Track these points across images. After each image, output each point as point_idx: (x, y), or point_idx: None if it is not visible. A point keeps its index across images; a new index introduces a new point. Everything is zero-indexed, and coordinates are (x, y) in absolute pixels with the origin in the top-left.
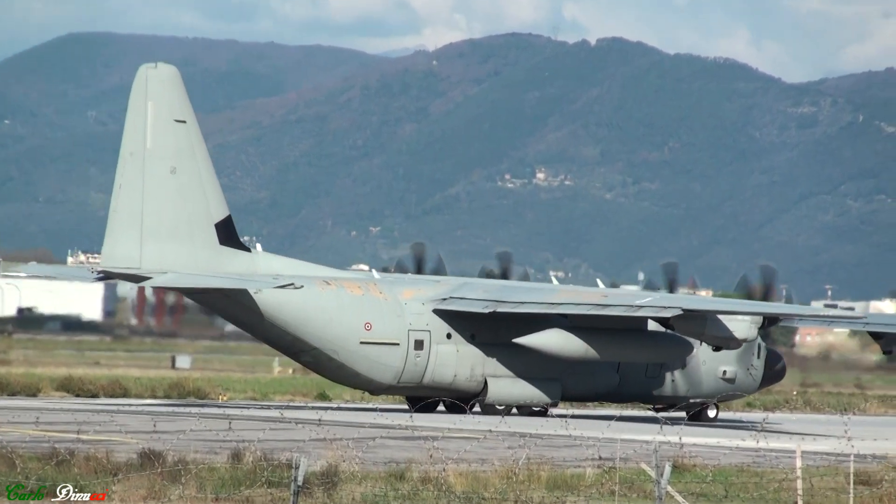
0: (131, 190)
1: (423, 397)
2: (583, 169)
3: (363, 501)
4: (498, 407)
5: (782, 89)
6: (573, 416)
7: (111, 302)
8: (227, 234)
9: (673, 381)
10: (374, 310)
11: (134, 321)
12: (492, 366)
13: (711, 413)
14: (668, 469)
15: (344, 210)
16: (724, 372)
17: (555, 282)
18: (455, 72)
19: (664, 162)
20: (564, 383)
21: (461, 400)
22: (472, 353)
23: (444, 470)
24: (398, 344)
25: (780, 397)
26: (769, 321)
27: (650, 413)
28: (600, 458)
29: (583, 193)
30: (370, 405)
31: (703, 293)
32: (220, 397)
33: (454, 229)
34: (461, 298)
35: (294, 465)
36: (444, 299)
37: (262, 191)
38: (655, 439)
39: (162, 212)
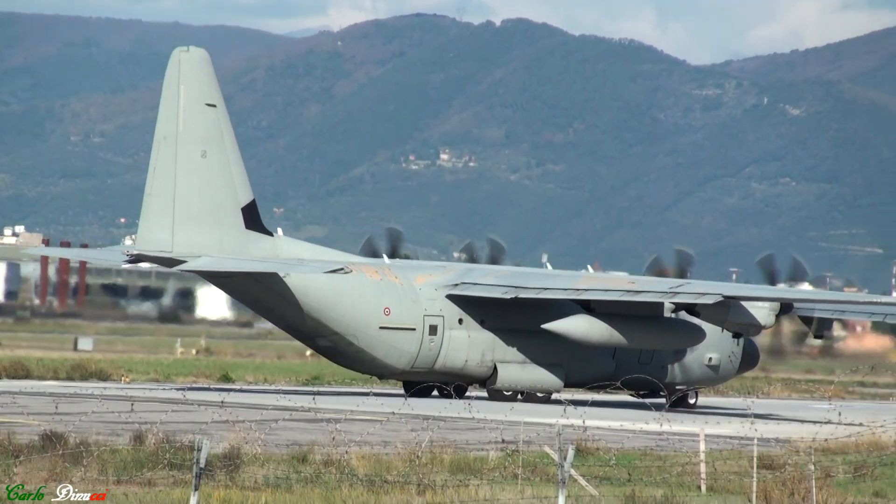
0: (164, 174)
1: (416, 382)
2: (487, 150)
3: (265, 484)
4: (505, 392)
5: (687, 71)
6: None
7: (13, 283)
8: (252, 218)
9: (663, 367)
10: (392, 295)
11: (37, 302)
12: (501, 351)
13: (692, 400)
14: (571, 452)
15: None
16: (710, 359)
17: (548, 266)
18: (360, 52)
19: (569, 143)
20: (567, 370)
21: (470, 385)
22: (482, 338)
23: (346, 452)
24: (414, 329)
25: None
26: (784, 308)
27: (634, 399)
28: (503, 441)
29: (487, 175)
30: (274, 387)
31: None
32: (123, 379)
33: (358, 211)
34: (477, 284)
35: (196, 448)
36: (457, 284)
37: None
38: (559, 422)
39: (193, 196)
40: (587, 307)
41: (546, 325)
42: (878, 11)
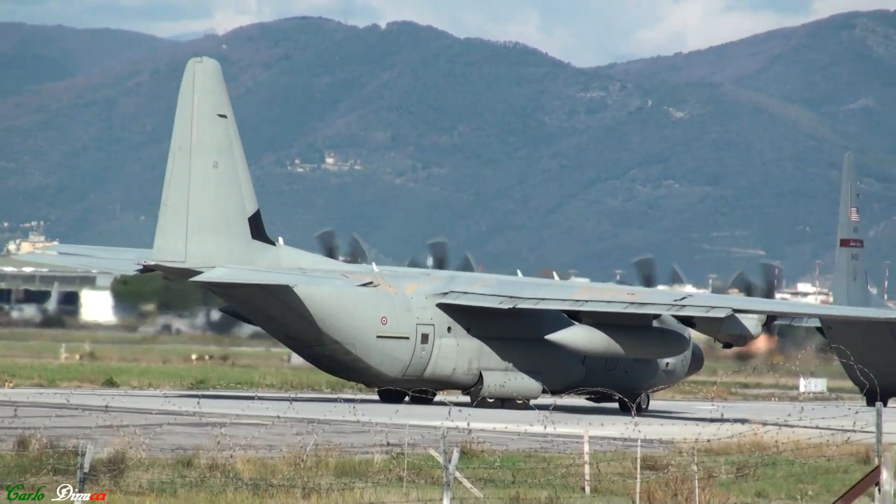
0: (179, 185)
1: (393, 389)
2: (373, 154)
3: (150, 488)
4: (489, 399)
5: (572, 74)
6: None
7: None
8: (257, 227)
9: (626, 372)
10: (388, 304)
11: None
12: (486, 359)
13: (644, 404)
14: (455, 455)
15: (132, 195)
16: (668, 364)
17: (555, 276)
18: (245, 56)
19: (454, 146)
20: (544, 376)
21: (462, 392)
22: (470, 346)
23: (231, 456)
24: (408, 338)
25: None
26: (770, 318)
27: (589, 403)
28: (388, 444)
29: (372, 178)
30: (156, 393)
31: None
32: (6, 384)
33: None
34: (470, 293)
35: (80, 453)
36: (446, 293)
37: (51, 176)
38: (443, 425)
39: (205, 206)
40: (575, 317)
41: (549, 336)
42: (760, 14)
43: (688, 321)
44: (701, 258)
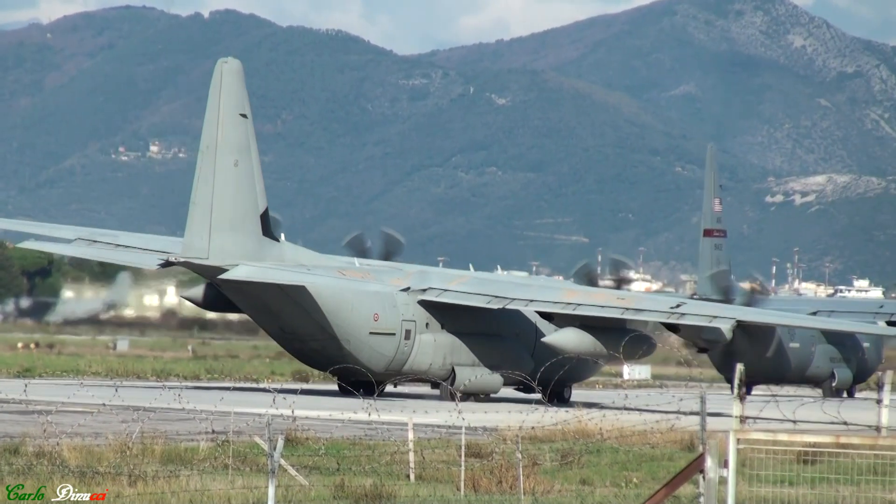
0: (205, 183)
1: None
2: (197, 141)
3: None
4: (459, 392)
5: (394, 61)
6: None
7: None
8: (266, 225)
9: (567, 367)
10: (379, 301)
11: None
12: (458, 354)
13: (566, 394)
14: (280, 442)
15: None
16: (599, 360)
17: (500, 271)
18: (70, 45)
19: (277, 135)
20: (503, 370)
21: (431, 385)
22: (444, 341)
23: (58, 444)
24: (394, 334)
25: None
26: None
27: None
28: (213, 431)
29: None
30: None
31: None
32: None
33: (68, 203)
34: (454, 291)
35: None
36: (425, 290)
37: None
38: (268, 412)
39: (226, 204)
40: (547, 317)
41: (546, 339)
42: (581, 1)
43: (671, 326)
44: (524, 245)
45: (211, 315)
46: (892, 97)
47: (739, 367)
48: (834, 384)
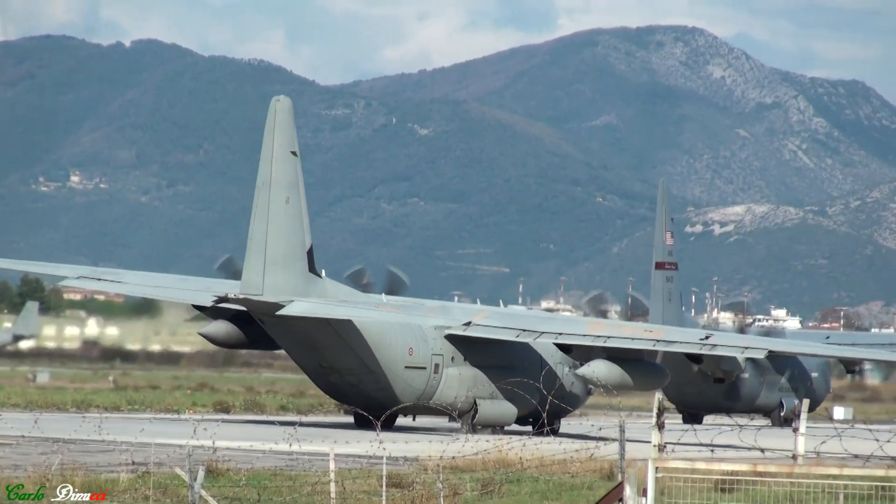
0: (260, 220)
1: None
2: (118, 171)
3: None
4: (482, 427)
5: (317, 92)
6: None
7: None
8: (311, 261)
9: (563, 398)
10: (413, 336)
11: None
12: (480, 387)
13: (556, 426)
14: (201, 473)
15: None
16: (591, 389)
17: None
18: None
19: (199, 164)
20: (517, 403)
21: (452, 419)
22: (468, 375)
23: None
24: (426, 368)
25: (314, 400)
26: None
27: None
28: (134, 462)
29: (118, 196)
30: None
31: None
32: None
33: None
34: (488, 326)
35: None
36: (468, 325)
37: None
38: (189, 443)
39: (278, 241)
40: (566, 350)
41: (579, 371)
42: (503, 31)
43: (693, 357)
44: (446, 275)
45: (132, 346)
46: (809, 128)
47: (658, 395)
48: (783, 413)
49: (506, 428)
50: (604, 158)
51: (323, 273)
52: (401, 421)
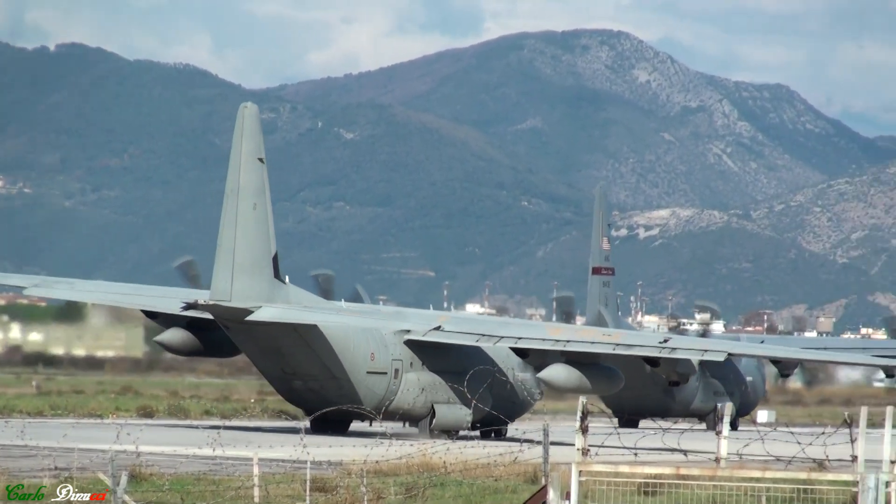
0: (228, 226)
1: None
2: (42, 176)
3: None
4: (439, 431)
5: (242, 96)
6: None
7: None
8: (276, 267)
9: (513, 403)
10: (374, 340)
11: None
12: (437, 392)
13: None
14: (124, 478)
15: None
16: (541, 393)
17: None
18: None
19: (124, 169)
20: (472, 407)
21: (410, 424)
22: (426, 380)
23: None
24: (386, 373)
25: (238, 405)
26: None
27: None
28: (56, 467)
29: (42, 201)
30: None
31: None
32: None
33: None
34: (451, 332)
35: None
36: (437, 328)
37: None
38: (112, 448)
39: (245, 247)
40: (522, 354)
41: (540, 374)
42: (429, 36)
43: (651, 360)
44: (372, 279)
45: (56, 350)
46: (734, 132)
47: (582, 399)
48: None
49: (460, 433)
50: (529, 162)
51: (287, 279)
52: (357, 426)
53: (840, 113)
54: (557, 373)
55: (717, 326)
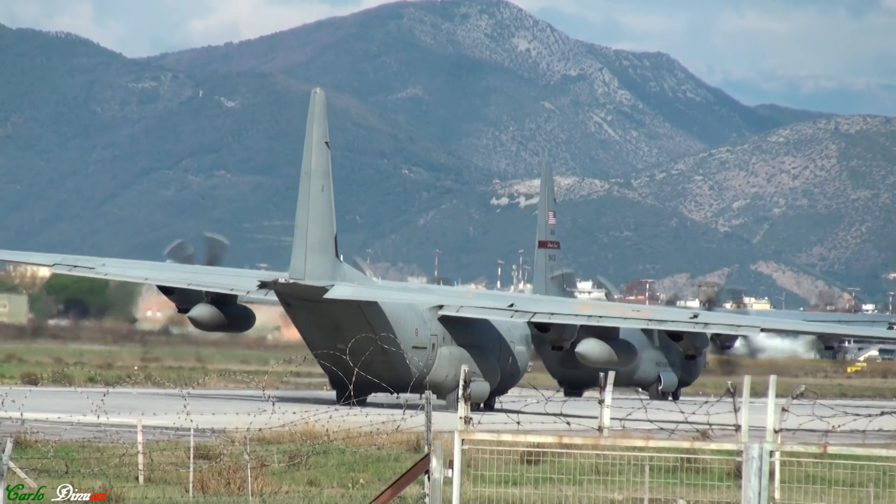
0: (303, 207)
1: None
2: None
3: None
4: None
5: (124, 64)
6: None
7: None
8: (336, 246)
9: (512, 375)
10: (417, 317)
11: None
12: (466, 366)
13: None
14: (9, 445)
15: None
16: (530, 366)
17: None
18: None
19: (7, 137)
20: (489, 380)
21: (438, 397)
22: (456, 354)
23: None
24: (426, 348)
25: (121, 372)
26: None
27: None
28: None
29: None
30: None
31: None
32: None
33: None
34: (481, 307)
35: None
36: (442, 305)
37: None
38: None
39: (316, 227)
40: (543, 329)
41: (578, 349)
42: (309, 4)
43: (673, 334)
44: (254, 247)
45: None
46: (614, 100)
47: (464, 367)
48: (660, 388)
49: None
50: (410, 131)
51: (341, 257)
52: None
53: (721, 81)
54: (592, 347)
55: (598, 295)
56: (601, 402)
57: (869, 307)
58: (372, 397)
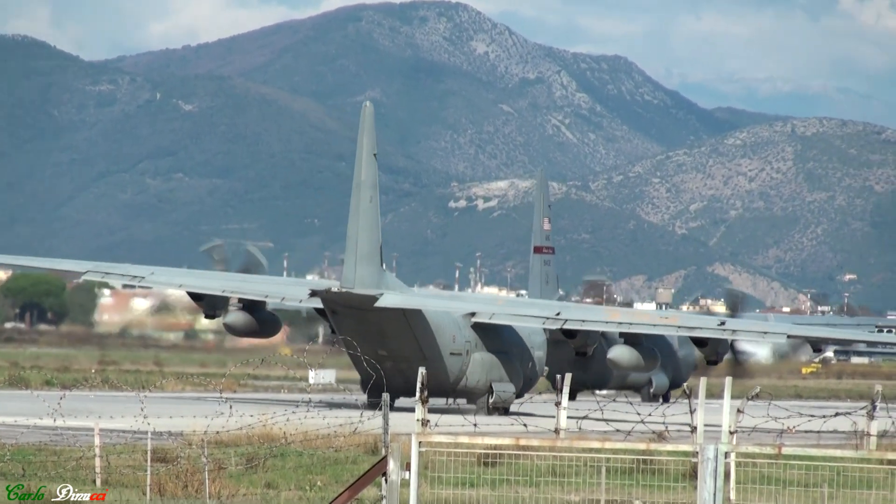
0: (354, 218)
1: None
2: None
3: None
4: (492, 409)
5: (81, 67)
6: None
7: None
8: (382, 256)
9: (531, 379)
10: (454, 324)
11: None
12: (494, 372)
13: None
14: None
15: None
16: (547, 371)
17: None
18: None
19: None
20: (514, 383)
21: (468, 401)
22: (486, 360)
23: None
24: (461, 354)
25: (78, 375)
26: None
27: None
28: None
29: None
30: None
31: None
32: None
33: None
34: (510, 314)
35: None
36: (474, 312)
37: None
38: None
39: (365, 237)
40: (569, 335)
41: (610, 355)
42: (267, 7)
43: (698, 340)
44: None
45: None
46: (572, 103)
47: (422, 370)
48: (651, 390)
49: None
50: None
51: (384, 266)
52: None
53: (679, 84)
54: (623, 353)
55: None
56: (558, 403)
57: (825, 308)
58: (400, 402)
